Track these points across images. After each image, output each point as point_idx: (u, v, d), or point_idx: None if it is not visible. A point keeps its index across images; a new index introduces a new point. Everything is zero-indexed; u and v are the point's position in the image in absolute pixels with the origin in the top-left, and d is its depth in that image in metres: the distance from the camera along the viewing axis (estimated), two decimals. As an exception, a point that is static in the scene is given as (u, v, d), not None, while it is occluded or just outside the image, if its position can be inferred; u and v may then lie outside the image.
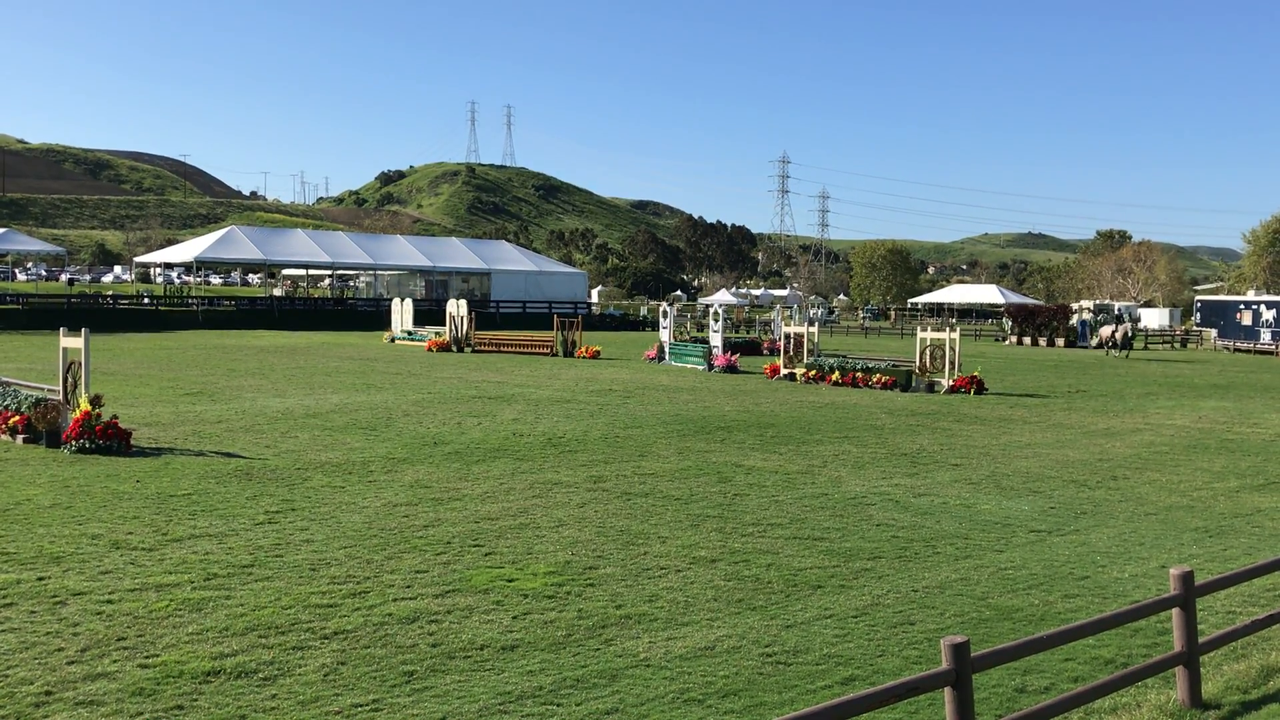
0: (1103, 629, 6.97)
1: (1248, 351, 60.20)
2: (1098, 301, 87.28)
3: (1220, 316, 68.03)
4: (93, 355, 18.11)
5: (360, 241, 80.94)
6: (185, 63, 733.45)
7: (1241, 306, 66.30)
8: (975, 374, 30.74)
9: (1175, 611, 7.35)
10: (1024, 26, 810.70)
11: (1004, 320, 74.93)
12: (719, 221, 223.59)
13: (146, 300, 70.46)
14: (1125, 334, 52.30)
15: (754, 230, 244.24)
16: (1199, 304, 75.44)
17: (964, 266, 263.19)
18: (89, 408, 16.63)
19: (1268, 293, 79.79)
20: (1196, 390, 32.67)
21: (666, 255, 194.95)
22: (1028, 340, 65.94)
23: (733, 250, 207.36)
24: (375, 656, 7.89)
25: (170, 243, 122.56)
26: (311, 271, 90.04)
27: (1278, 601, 9.72)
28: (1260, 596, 10.00)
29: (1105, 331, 54.73)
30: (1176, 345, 69.40)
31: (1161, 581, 10.28)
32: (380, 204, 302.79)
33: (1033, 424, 22.79)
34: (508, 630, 8.53)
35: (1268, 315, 62.41)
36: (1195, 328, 72.57)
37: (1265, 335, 61.26)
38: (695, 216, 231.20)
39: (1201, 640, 7.63)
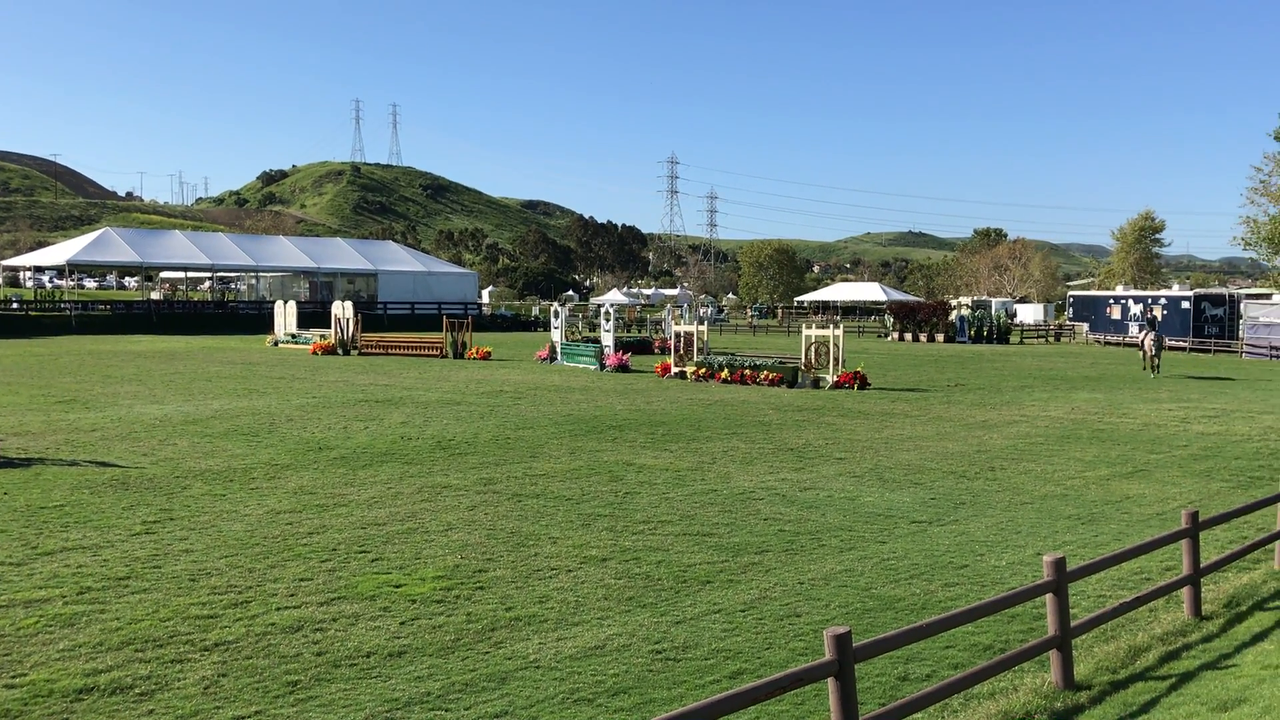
0: (981, 616, 7.17)
1: (1117, 344, 62.61)
2: (976, 298, 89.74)
3: (1091, 311, 70.66)
4: (-45, 363, 17.33)
5: (241, 243, 78.94)
6: (54, 57, 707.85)
7: (1111, 301, 68.99)
8: (859, 370, 31.40)
9: (1049, 597, 7.61)
10: (898, 27, 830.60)
11: (886, 317, 76.60)
12: (610, 222, 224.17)
13: (15, 305, 67.74)
14: (1155, 342, 37.97)
15: (644, 230, 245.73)
16: (1071, 299, 78.24)
17: (848, 265, 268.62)
18: (-49, 418, 15.91)
19: (1135, 288, 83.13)
20: (1069, 382, 33.84)
21: (558, 255, 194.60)
22: (909, 336, 67.53)
23: (624, 250, 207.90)
24: (257, 667, 7.71)
25: (40, 245, 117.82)
26: (191, 274, 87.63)
27: (1145, 584, 10.12)
28: (1129, 580, 10.40)
29: (1144, 340, 39.00)
30: (1051, 339, 71.84)
31: (1037, 568, 10.62)
32: (262, 204, 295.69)
33: (914, 417, 23.34)
34: (395, 636, 8.42)
35: (1135, 309, 65.02)
36: (1068, 322, 75.23)
37: (1133, 328, 63.78)
38: (586, 217, 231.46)
39: (1074, 624, 7.92)
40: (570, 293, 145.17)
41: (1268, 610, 9.60)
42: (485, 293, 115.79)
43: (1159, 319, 35.16)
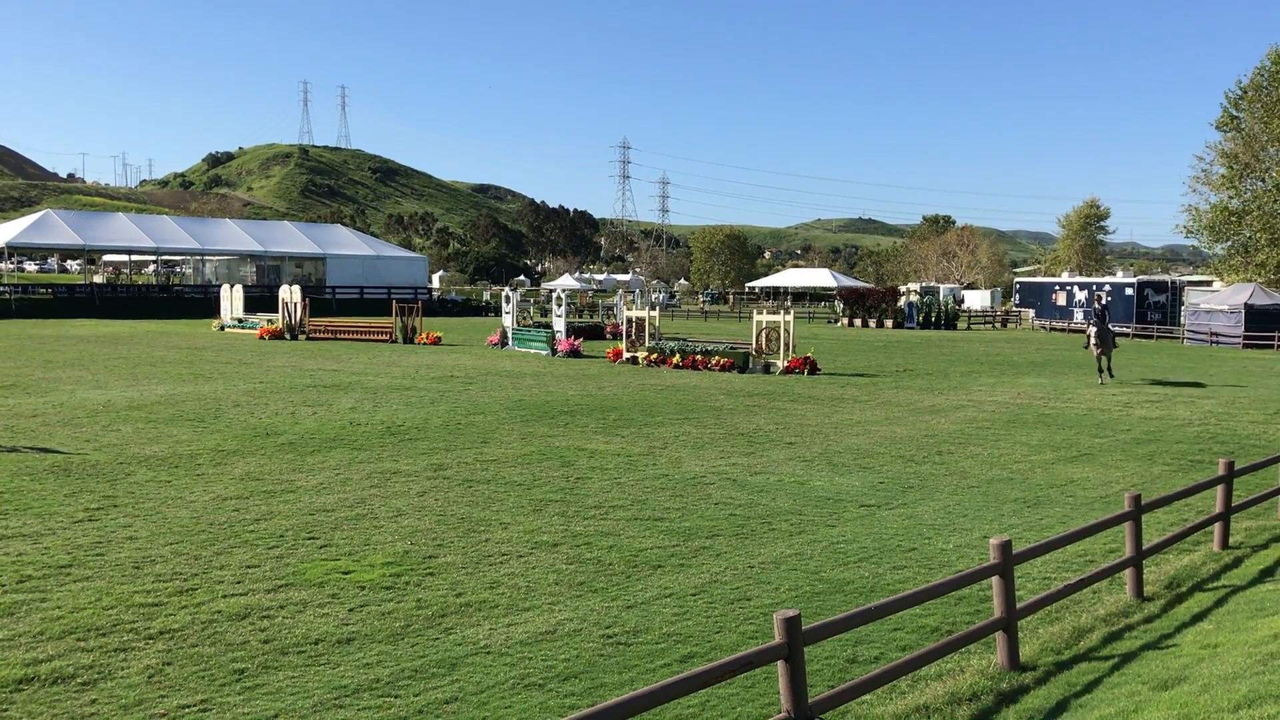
0: (928, 598, 7.25)
1: (1062, 330, 63.48)
2: (924, 284, 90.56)
3: (1037, 297, 71.55)
4: (-111, 347, 16.92)
5: (187, 225, 77.70)
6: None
7: (1057, 288, 69.86)
8: (809, 355, 31.59)
9: (995, 579, 7.70)
10: (848, 14, 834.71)
11: (836, 303, 77.02)
12: (561, 206, 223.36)
13: (-48, 288, 66.14)
14: (1103, 336, 29.37)
15: (596, 215, 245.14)
16: (1018, 285, 79.16)
17: (798, 251, 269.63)
18: (-115, 403, 15.53)
19: (1080, 274, 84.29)
20: (1016, 368, 34.27)
21: (509, 240, 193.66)
22: (858, 322, 68.00)
23: (575, 235, 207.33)
24: (203, 655, 7.61)
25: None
26: (135, 257, 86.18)
27: (1089, 566, 10.29)
28: (1073, 562, 10.56)
29: (1090, 335, 30.44)
30: (998, 325, 72.69)
31: (984, 551, 10.75)
32: (208, 187, 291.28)
33: (863, 402, 23.52)
34: (344, 623, 8.35)
35: (1080, 296, 65.94)
36: (1015, 308, 76.15)
37: (1078, 314, 64.72)
38: (538, 201, 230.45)
39: (1019, 606, 8.02)
40: (522, 278, 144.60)
41: (1207, 591, 9.80)
42: (435, 277, 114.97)
43: (1107, 308, 31.80)
